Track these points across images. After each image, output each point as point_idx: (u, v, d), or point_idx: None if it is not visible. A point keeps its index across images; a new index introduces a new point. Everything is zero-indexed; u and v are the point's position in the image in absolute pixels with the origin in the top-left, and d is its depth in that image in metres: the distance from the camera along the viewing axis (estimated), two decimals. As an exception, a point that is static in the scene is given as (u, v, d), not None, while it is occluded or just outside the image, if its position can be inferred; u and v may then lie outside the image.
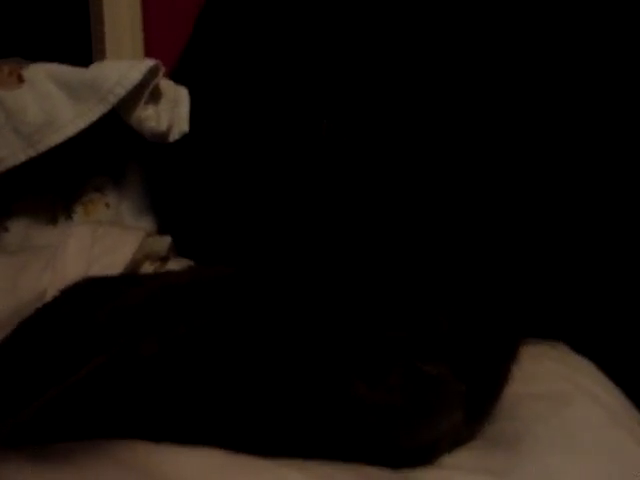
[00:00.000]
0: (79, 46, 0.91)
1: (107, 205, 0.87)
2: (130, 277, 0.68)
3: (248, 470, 0.38)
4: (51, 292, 0.67)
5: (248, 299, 0.46)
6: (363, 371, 0.42)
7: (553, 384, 0.50)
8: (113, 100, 0.77)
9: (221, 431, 0.40)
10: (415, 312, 0.45)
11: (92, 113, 0.77)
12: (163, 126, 0.80)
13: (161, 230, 0.87)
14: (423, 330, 0.44)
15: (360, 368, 0.42)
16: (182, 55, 0.88)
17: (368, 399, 0.42)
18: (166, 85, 0.82)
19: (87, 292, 0.60)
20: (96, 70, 0.78)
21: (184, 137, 0.82)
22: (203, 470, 0.36)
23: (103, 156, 0.88)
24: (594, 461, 0.45)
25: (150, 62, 0.78)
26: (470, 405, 0.45)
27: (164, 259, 0.82)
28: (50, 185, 0.86)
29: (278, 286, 0.47)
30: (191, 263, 0.80)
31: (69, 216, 0.86)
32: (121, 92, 0.76)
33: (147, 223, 0.88)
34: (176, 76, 0.85)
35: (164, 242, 0.82)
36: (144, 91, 0.78)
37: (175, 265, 0.81)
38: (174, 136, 0.82)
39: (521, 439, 0.46)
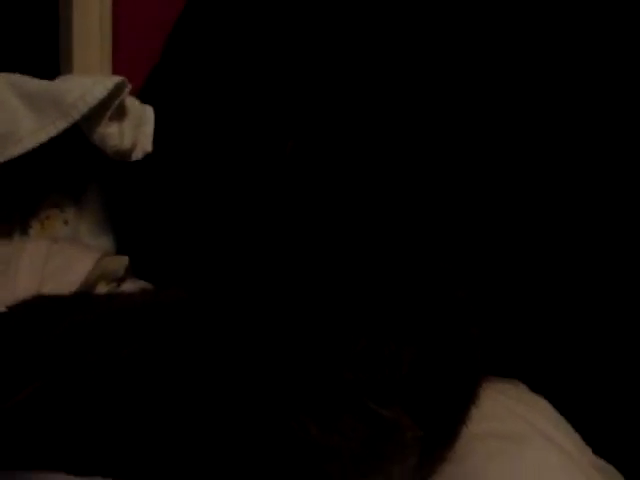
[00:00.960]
0: (46, 61, 0.90)
1: (65, 222, 0.85)
2: (82, 296, 0.66)
3: None
4: (1, 307, 0.65)
5: (197, 327, 0.44)
6: (316, 412, 0.41)
7: (509, 423, 0.49)
8: (76, 115, 0.75)
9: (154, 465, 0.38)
10: (375, 352, 0.44)
11: (53, 127, 0.75)
12: (126, 144, 0.79)
13: (119, 250, 0.86)
14: (382, 372, 0.43)
15: (313, 408, 0.41)
16: (150, 74, 0.87)
17: (320, 440, 0.40)
18: (132, 103, 0.81)
19: (36, 311, 0.58)
20: (60, 84, 0.77)
21: (147, 157, 0.81)
22: None
23: (64, 172, 0.86)
24: None
25: (116, 79, 0.77)
26: (426, 449, 0.44)
27: (120, 280, 0.81)
28: (6, 199, 0.84)
29: (231, 314, 0.45)
30: (147, 284, 0.79)
31: (25, 231, 0.84)
32: (84, 108, 0.75)
33: (105, 242, 0.86)
34: (143, 95, 0.84)
35: (121, 262, 0.80)
36: (109, 108, 0.77)
37: (131, 286, 0.79)
38: (137, 155, 0.81)
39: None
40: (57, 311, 0.55)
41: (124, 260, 0.80)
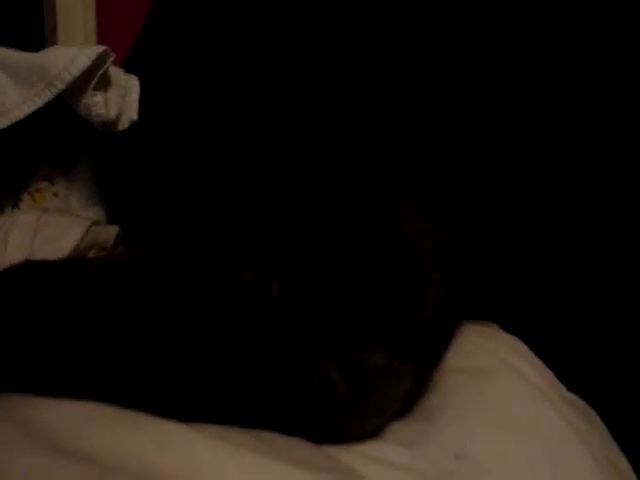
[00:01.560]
0: (31, 34, 0.90)
1: (55, 194, 0.86)
2: (69, 260, 0.68)
3: (125, 421, 0.36)
4: (-8, 278, 0.66)
5: (173, 277, 0.45)
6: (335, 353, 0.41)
7: (477, 359, 0.49)
8: (60, 86, 0.75)
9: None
10: (365, 296, 0.43)
11: (38, 98, 0.75)
12: (112, 114, 0.79)
13: (110, 221, 0.86)
14: (370, 315, 0.43)
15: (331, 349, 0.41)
16: (135, 44, 0.87)
17: (338, 385, 0.40)
18: (116, 73, 0.81)
19: (25, 272, 0.59)
20: (44, 55, 0.77)
21: (134, 126, 0.82)
22: (77, 420, 0.35)
23: (53, 145, 0.86)
24: (511, 432, 0.44)
25: (99, 48, 0.76)
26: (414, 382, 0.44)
27: (112, 249, 0.82)
28: (-3, 173, 0.84)
29: (207, 265, 0.46)
30: (137, 252, 0.80)
31: (16, 205, 0.85)
32: (68, 78, 0.75)
33: (96, 213, 0.87)
34: (128, 65, 0.85)
35: (111, 231, 0.81)
36: (93, 78, 0.77)
37: (122, 254, 0.80)
38: (123, 125, 0.81)
39: (438, 411, 0.45)
40: (43, 273, 0.56)
41: (114, 229, 0.81)
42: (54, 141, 0.86)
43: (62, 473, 0.32)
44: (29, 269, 0.60)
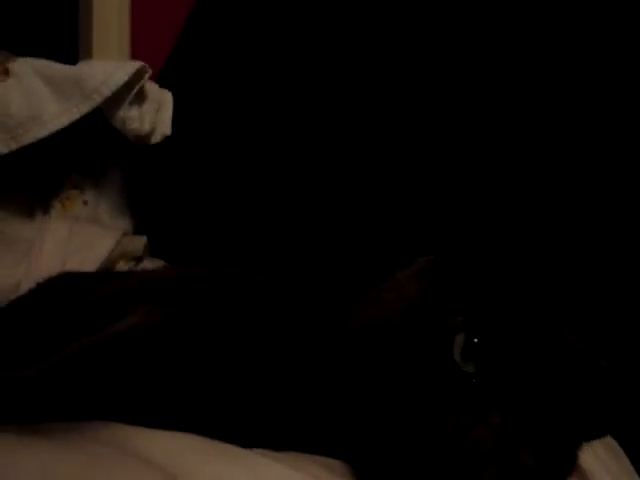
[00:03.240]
0: (66, 45, 0.91)
1: (85, 203, 0.88)
2: (105, 273, 0.69)
3: (220, 453, 0.38)
4: (25, 284, 0.68)
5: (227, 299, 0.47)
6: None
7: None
8: (98, 99, 0.78)
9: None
10: None
11: (77, 110, 0.78)
12: (146, 128, 0.81)
13: (137, 231, 0.88)
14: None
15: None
16: (168, 59, 0.89)
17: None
18: (151, 88, 0.83)
19: (63, 285, 0.61)
20: (83, 68, 0.79)
21: (166, 140, 0.84)
22: (174, 450, 0.37)
23: (84, 154, 0.88)
24: None
25: (137, 64, 0.79)
26: None
27: (138, 259, 0.83)
28: (29, 181, 0.86)
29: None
30: (165, 263, 0.81)
31: (46, 212, 0.86)
32: (106, 92, 0.77)
33: (124, 223, 0.89)
34: (162, 80, 0.87)
35: (140, 242, 0.83)
36: (129, 92, 0.79)
37: (149, 265, 0.82)
38: (156, 138, 0.83)
39: None
40: (81, 285, 0.58)
41: (143, 240, 0.83)
42: (85, 151, 0.88)
43: None
44: (68, 281, 0.62)
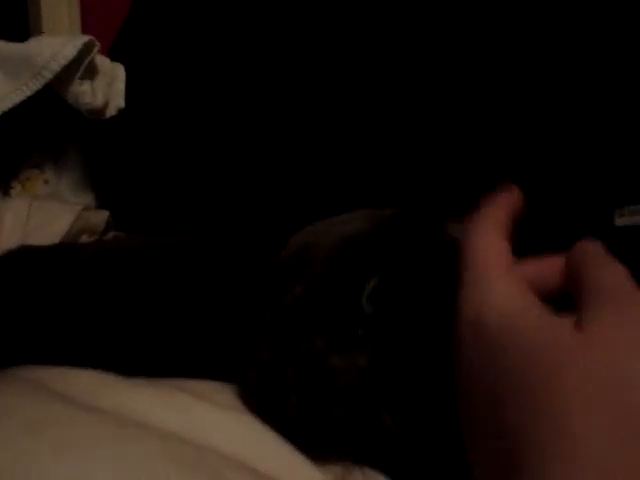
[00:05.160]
0: (15, 23, 0.91)
1: (46, 182, 0.88)
2: (65, 246, 0.70)
3: (136, 387, 0.39)
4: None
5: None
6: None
7: None
8: (48, 75, 0.77)
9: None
10: None
11: (26, 88, 0.77)
12: (99, 102, 0.81)
13: (100, 206, 0.88)
14: None
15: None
16: (119, 32, 0.89)
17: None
18: (102, 61, 0.83)
19: (22, 256, 0.61)
20: (31, 45, 0.79)
21: (121, 113, 0.84)
22: (90, 383, 0.38)
23: (42, 133, 0.88)
24: None
25: (85, 38, 0.78)
26: None
27: (103, 233, 0.84)
28: (-14, 163, 0.86)
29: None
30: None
31: (6, 192, 0.86)
32: (56, 68, 0.77)
33: (86, 199, 0.89)
34: (113, 53, 0.86)
35: (102, 216, 0.83)
36: (79, 67, 0.79)
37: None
38: (110, 112, 0.83)
39: None
40: (40, 258, 0.58)
41: (105, 213, 0.83)
42: (43, 129, 0.88)
43: (77, 419, 0.34)
44: (26, 254, 0.62)
